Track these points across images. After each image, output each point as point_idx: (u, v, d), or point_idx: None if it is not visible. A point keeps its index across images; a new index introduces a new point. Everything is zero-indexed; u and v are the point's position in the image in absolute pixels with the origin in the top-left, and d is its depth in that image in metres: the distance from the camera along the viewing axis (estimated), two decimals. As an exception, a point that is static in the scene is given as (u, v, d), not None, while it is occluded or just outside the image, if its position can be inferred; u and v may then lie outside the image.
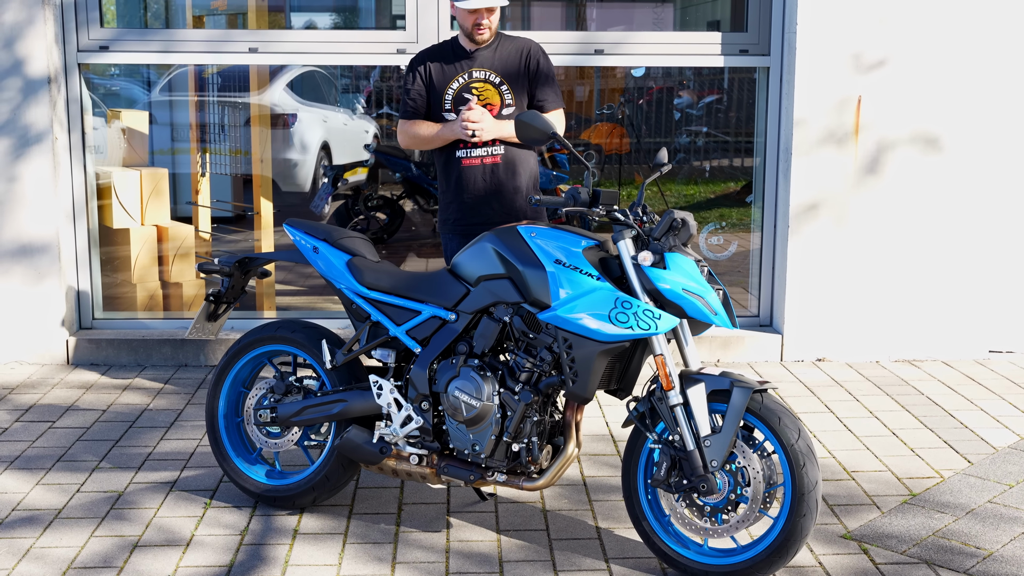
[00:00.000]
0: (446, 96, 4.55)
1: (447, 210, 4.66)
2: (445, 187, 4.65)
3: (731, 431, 3.45)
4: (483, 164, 4.56)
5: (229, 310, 4.42)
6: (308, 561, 3.76)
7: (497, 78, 4.56)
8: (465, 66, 4.56)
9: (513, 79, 4.57)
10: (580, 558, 3.77)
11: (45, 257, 5.99)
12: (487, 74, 4.56)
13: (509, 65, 4.57)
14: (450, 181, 4.61)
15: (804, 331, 6.17)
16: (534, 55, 4.61)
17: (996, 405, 5.39)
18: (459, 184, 4.58)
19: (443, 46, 4.68)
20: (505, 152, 4.57)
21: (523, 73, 4.58)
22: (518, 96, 4.58)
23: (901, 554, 3.80)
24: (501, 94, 4.57)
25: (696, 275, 3.49)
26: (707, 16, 8.40)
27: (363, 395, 3.96)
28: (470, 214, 4.58)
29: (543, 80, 4.61)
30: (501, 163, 4.57)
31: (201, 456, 4.72)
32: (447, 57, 4.59)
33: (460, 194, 4.59)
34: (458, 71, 4.56)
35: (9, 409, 5.33)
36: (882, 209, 6.06)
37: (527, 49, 4.62)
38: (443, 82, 4.56)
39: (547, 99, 4.63)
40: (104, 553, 3.81)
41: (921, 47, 5.95)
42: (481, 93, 4.55)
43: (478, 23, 4.47)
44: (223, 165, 7.59)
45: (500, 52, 4.59)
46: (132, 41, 6.13)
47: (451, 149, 4.57)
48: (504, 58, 4.58)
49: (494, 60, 4.57)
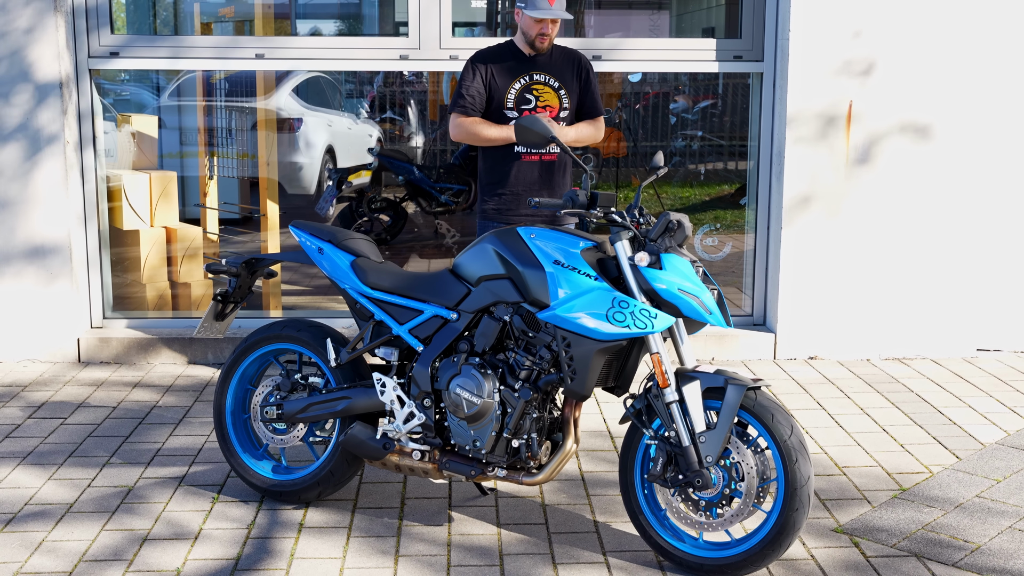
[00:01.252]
0: (508, 95, 4.75)
1: (493, 200, 4.86)
2: (496, 179, 4.83)
3: (725, 427, 3.45)
4: (541, 160, 4.79)
5: (236, 309, 4.42)
6: (313, 554, 3.76)
7: (556, 82, 4.79)
8: (526, 68, 4.77)
9: (568, 84, 4.81)
10: (578, 551, 3.78)
11: (57, 258, 5.99)
12: (547, 78, 4.79)
13: (565, 71, 4.82)
14: (502, 173, 4.80)
15: (796, 330, 6.17)
16: (584, 65, 4.89)
17: (984, 402, 5.39)
18: (516, 177, 4.79)
19: (502, 49, 4.86)
20: (559, 151, 4.78)
21: (576, 80, 4.84)
22: (572, 100, 4.84)
23: (891, 547, 3.80)
24: (560, 97, 4.80)
25: (691, 275, 3.50)
26: (702, 23, 8.40)
27: (367, 392, 3.96)
28: (517, 205, 4.79)
29: (592, 89, 4.89)
30: (556, 160, 4.81)
31: (209, 452, 4.72)
32: (507, 59, 4.79)
33: (513, 186, 4.79)
34: (519, 73, 4.76)
35: (22, 406, 5.33)
36: (873, 211, 6.07)
37: (579, 59, 4.89)
38: (505, 83, 4.75)
39: (594, 106, 4.90)
40: (114, 546, 3.82)
41: (909, 52, 5.96)
42: (541, 95, 4.78)
43: (543, 32, 4.69)
44: (230, 168, 7.59)
45: (555, 59, 4.83)
46: (142, 47, 6.13)
47: (510, 145, 4.74)
48: (560, 64, 4.83)
49: (551, 65, 4.81)
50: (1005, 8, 5.96)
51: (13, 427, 5.04)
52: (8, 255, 5.98)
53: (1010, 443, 4.81)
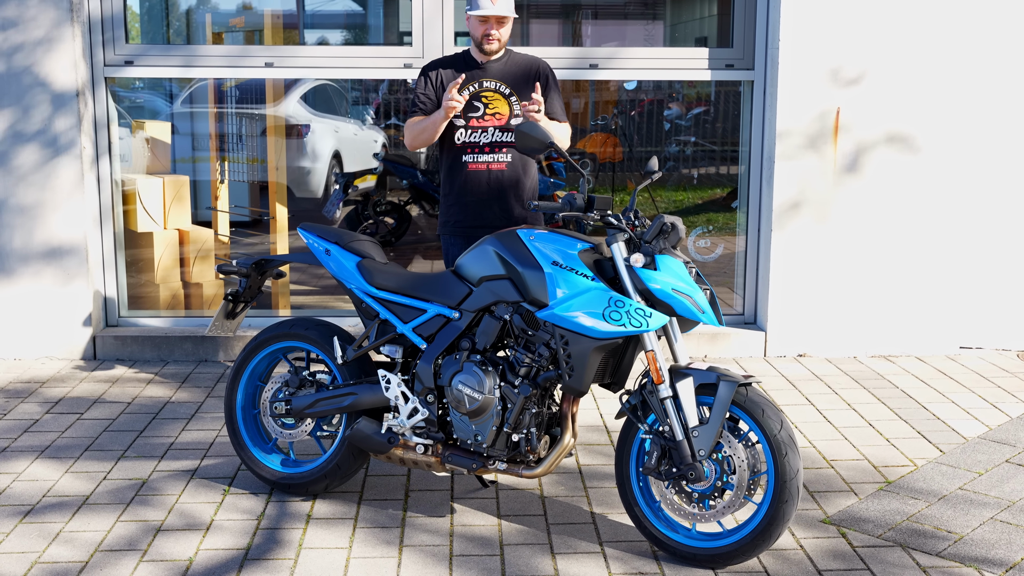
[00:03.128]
0: None
1: (448, 212, 4.60)
2: (448, 190, 4.59)
3: (718, 422, 3.45)
4: (488, 170, 4.52)
5: (246, 309, 4.42)
6: (321, 544, 3.76)
7: (507, 88, 4.52)
8: (476, 76, 4.51)
9: (522, 91, 4.50)
10: (576, 541, 3.77)
11: (74, 259, 5.99)
12: (497, 84, 4.52)
13: (519, 78, 4.53)
14: (454, 184, 4.56)
15: (786, 328, 6.17)
16: (543, 71, 4.59)
17: (966, 398, 5.39)
18: (463, 188, 4.52)
19: (455, 57, 4.63)
20: (511, 159, 4.53)
21: (531, 88, 4.48)
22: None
23: (877, 537, 3.80)
24: (510, 104, 4.52)
25: (685, 276, 3.50)
26: (695, 33, 8.40)
27: (372, 388, 3.96)
28: (471, 217, 4.53)
29: (551, 97, 4.56)
30: (506, 170, 4.52)
31: (220, 446, 4.72)
32: (459, 67, 4.55)
33: (463, 197, 4.53)
34: (468, 80, 4.50)
35: (40, 402, 5.33)
36: (860, 213, 6.07)
37: (536, 66, 4.59)
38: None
39: (554, 112, 4.56)
40: (129, 537, 3.82)
41: (895, 63, 5.96)
42: (490, 102, 4.50)
43: (487, 33, 4.44)
44: (241, 173, 7.59)
45: (510, 65, 4.56)
46: (155, 56, 6.13)
47: (458, 154, 4.52)
48: (514, 71, 4.55)
49: (504, 72, 4.53)
50: (988, 22, 5.96)
51: (32, 422, 5.03)
52: (27, 256, 5.98)
53: (992, 437, 4.81)
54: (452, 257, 4.59)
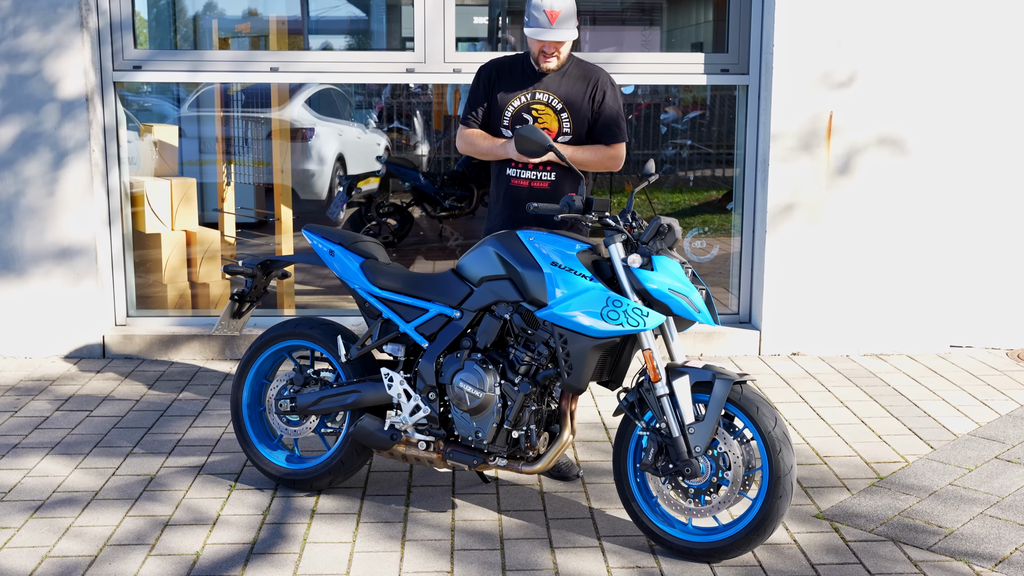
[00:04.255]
0: (506, 112, 4.16)
1: (492, 220, 4.31)
2: (494, 199, 4.31)
3: (713, 419, 3.45)
4: (530, 187, 4.17)
5: (252, 308, 4.42)
6: (325, 539, 3.76)
7: (559, 103, 4.11)
8: (531, 86, 4.14)
9: (575, 107, 4.11)
10: (574, 536, 3.77)
11: (83, 259, 5.99)
12: (550, 98, 4.12)
13: (573, 93, 4.12)
14: (498, 195, 4.27)
15: (780, 327, 6.17)
16: (601, 86, 4.14)
17: (957, 395, 5.39)
18: (505, 200, 4.23)
19: (514, 60, 4.23)
20: (555, 179, 4.15)
21: (587, 103, 4.12)
22: (577, 124, 4.13)
23: (869, 532, 3.80)
24: (560, 120, 4.12)
25: (681, 276, 3.50)
26: (691, 38, 8.39)
27: (375, 386, 3.96)
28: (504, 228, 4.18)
29: (607, 112, 4.14)
30: (548, 189, 4.15)
31: (226, 442, 4.72)
32: (515, 73, 4.18)
33: (505, 210, 4.23)
34: (522, 89, 4.14)
35: (50, 399, 5.33)
36: (852, 215, 6.06)
37: (595, 79, 4.15)
38: (505, 97, 4.16)
39: (608, 133, 4.14)
40: (137, 531, 3.81)
41: (886, 65, 5.95)
42: (540, 116, 4.13)
43: (544, 51, 4.06)
44: (247, 175, 7.58)
45: (568, 78, 4.14)
46: (163, 61, 6.13)
47: (503, 165, 4.22)
48: (570, 85, 4.13)
49: (560, 85, 4.12)
50: (976, 28, 5.96)
51: (42, 419, 5.03)
52: (38, 257, 5.98)
53: (981, 434, 4.81)
54: None
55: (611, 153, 4.16)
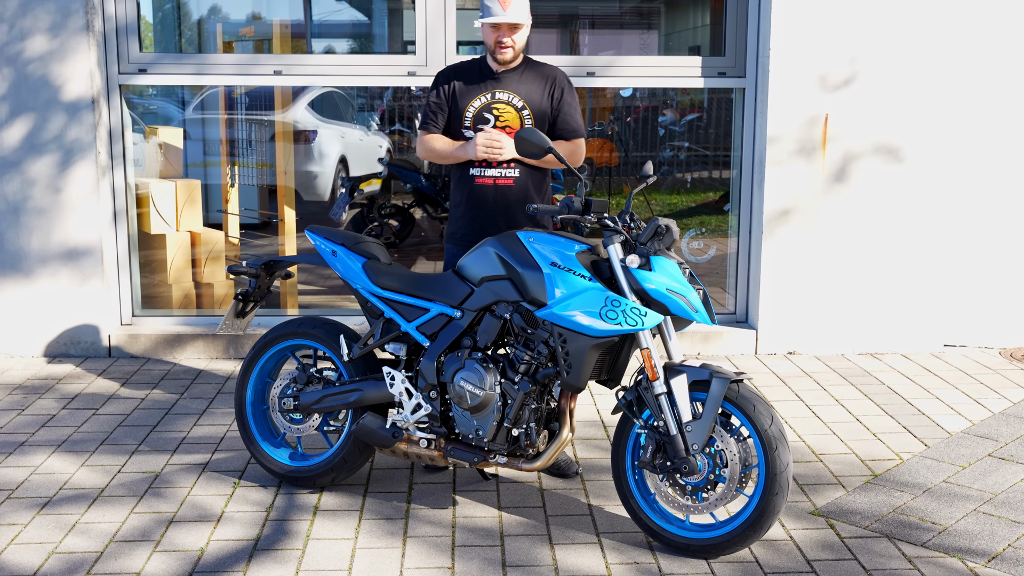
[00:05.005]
0: (467, 113, 4.20)
1: (455, 223, 4.34)
2: (457, 201, 4.33)
3: (710, 417, 3.45)
4: (495, 185, 4.21)
5: (256, 308, 4.42)
6: (328, 535, 3.76)
7: (519, 101, 4.18)
8: (489, 86, 4.19)
9: (535, 105, 4.18)
10: (574, 532, 3.77)
11: (89, 260, 5.99)
12: (510, 96, 4.18)
13: (533, 90, 4.19)
14: (462, 196, 4.29)
15: (776, 327, 6.17)
16: (559, 83, 4.22)
17: (950, 394, 5.39)
18: (469, 201, 4.26)
19: (471, 64, 4.29)
20: (519, 175, 4.22)
21: (546, 100, 4.20)
22: (538, 121, 4.20)
23: (864, 529, 3.80)
24: (521, 118, 4.18)
25: (679, 276, 3.50)
26: (688, 42, 8.40)
27: (377, 385, 3.96)
28: (477, 231, 4.24)
29: (566, 109, 4.22)
30: (514, 186, 4.21)
31: (230, 440, 4.72)
32: (473, 75, 4.23)
33: (469, 210, 4.27)
34: (481, 90, 4.19)
35: (57, 397, 5.33)
36: (848, 216, 6.07)
37: (552, 77, 4.23)
38: (465, 99, 4.20)
39: (568, 128, 4.23)
40: (143, 528, 3.82)
41: (882, 71, 5.96)
42: (501, 115, 4.18)
43: (500, 40, 4.10)
44: (250, 177, 7.59)
45: (525, 76, 4.21)
46: (168, 64, 6.13)
47: (466, 166, 4.24)
48: (529, 83, 4.20)
49: (519, 84, 4.19)
50: (970, 36, 5.96)
51: (49, 417, 5.03)
52: (44, 257, 5.98)
53: (974, 432, 4.81)
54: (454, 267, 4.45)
55: (571, 148, 4.25)
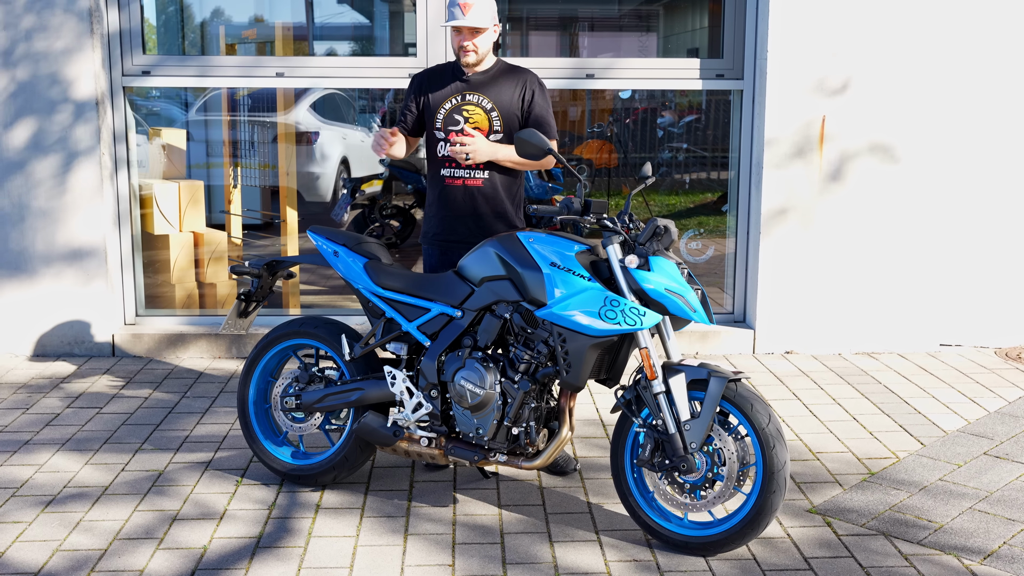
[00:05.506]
0: (438, 115, 4.22)
1: (428, 223, 4.35)
2: (430, 201, 4.34)
3: (708, 416, 3.45)
4: (464, 186, 4.21)
5: (258, 308, 4.42)
6: (329, 533, 3.76)
7: (489, 103, 4.18)
8: (459, 88, 4.21)
9: (505, 107, 4.19)
10: (573, 530, 3.78)
11: (93, 260, 5.99)
12: (479, 98, 4.19)
13: (503, 93, 4.20)
14: (433, 197, 4.31)
15: (774, 326, 6.17)
16: (529, 86, 4.22)
17: (946, 393, 5.39)
18: (440, 201, 4.27)
19: (443, 67, 4.33)
20: (489, 177, 4.21)
21: (516, 102, 4.20)
22: (508, 123, 4.19)
23: (861, 527, 3.80)
24: (490, 120, 4.19)
25: (677, 276, 3.50)
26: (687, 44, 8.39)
27: (378, 384, 3.96)
28: (448, 231, 4.26)
29: (536, 111, 4.21)
30: (483, 187, 4.21)
31: (233, 439, 4.72)
32: (444, 78, 4.26)
33: (440, 210, 4.27)
34: (452, 92, 4.21)
35: (61, 396, 5.33)
36: (844, 217, 6.07)
37: (523, 80, 4.23)
38: (437, 100, 4.22)
39: (539, 129, 4.20)
40: (146, 525, 3.82)
41: (878, 73, 5.96)
42: (471, 116, 4.19)
43: (462, 44, 4.13)
44: (253, 178, 7.59)
45: (496, 79, 4.22)
46: (171, 66, 6.13)
47: (437, 167, 4.27)
48: (499, 85, 4.21)
49: (489, 87, 4.21)
50: (966, 39, 5.96)
51: (53, 416, 5.04)
52: (49, 258, 5.98)
53: (970, 431, 4.81)
54: (430, 267, 4.40)
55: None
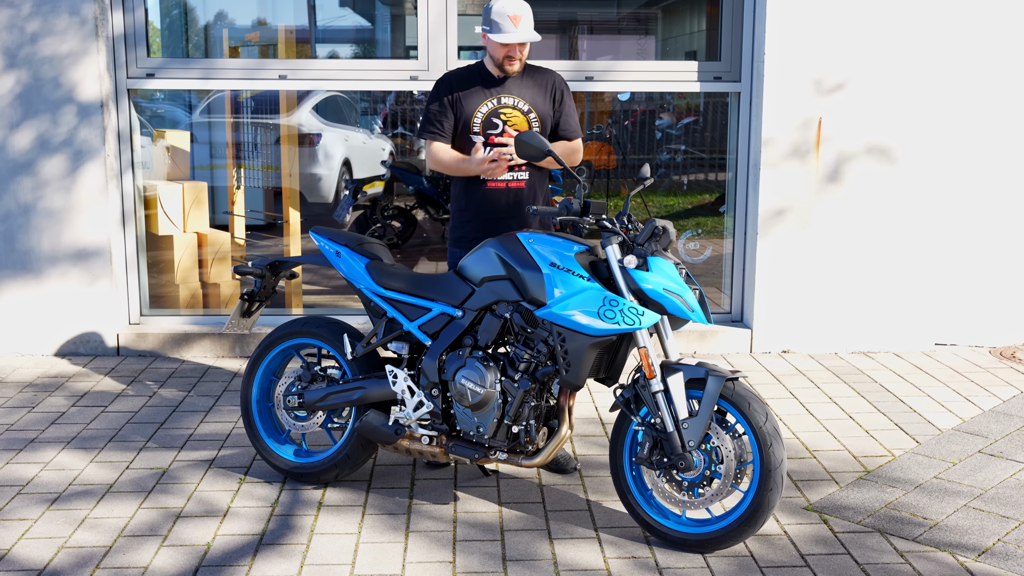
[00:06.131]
0: (475, 119, 4.20)
1: (463, 227, 4.31)
2: (464, 205, 4.29)
3: (706, 415, 3.46)
4: (507, 188, 4.24)
5: (261, 308, 4.42)
6: (331, 530, 3.76)
7: (525, 105, 4.21)
8: (494, 92, 4.20)
9: (540, 108, 4.23)
10: (572, 527, 3.78)
11: (98, 260, 5.99)
12: (516, 101, 4.21)
13: (536, 94, 4.24)
14: (471, 200, 4.27)
15: (771, 326, 6.17)
16: (558, 86, 4.29)
17: (941, 392, 5.39)
18: (480, 204, 4.25)
19: (470, 71, 4.27)
20: (529, 178, 4.26)
21: (548, 103, 4.26)
22: (543, 124, 4.24)
23: (857, 524, 3.80)
24: (529, 121, 4.22)
25: (675, 276, 3.50)
26: (685, 47, 8.40)
27: (380, 383, 3.96)
28: (488, 233, 4.17)
29: (566, 111, 4.30)
30: (525, 188, 4.25)
31: (236, 437, 4.72)
32: (475, 82, 4.22)
33: (480, 213, 4.25)
34: (487, 96, 4.20)
35: (66, 395, 5.33)
36: (840, 217, 6.07)
37: (552, 80, 4.29)
38: (471, 105, 4.20)
39: (569, 128, 4.31)
40: (151, 522, 3.82)
41: (874, 75, 5.96)
42: (509, 119, 4.20)
43: (510, 55, 4.13)
44: (256, 179, 7.59)
45: (527, 81, 4.24)
46: (175, 69, 6.13)
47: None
48: (532, 87, 4.24)
49: (522, 88, 4.22)
50: (960, 41, 5.96)
51: (58, 414, 5.04)
52: (55, 258, 5.98)
53: (965, 429, 4.81)
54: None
55: (573, 147, 4.34)
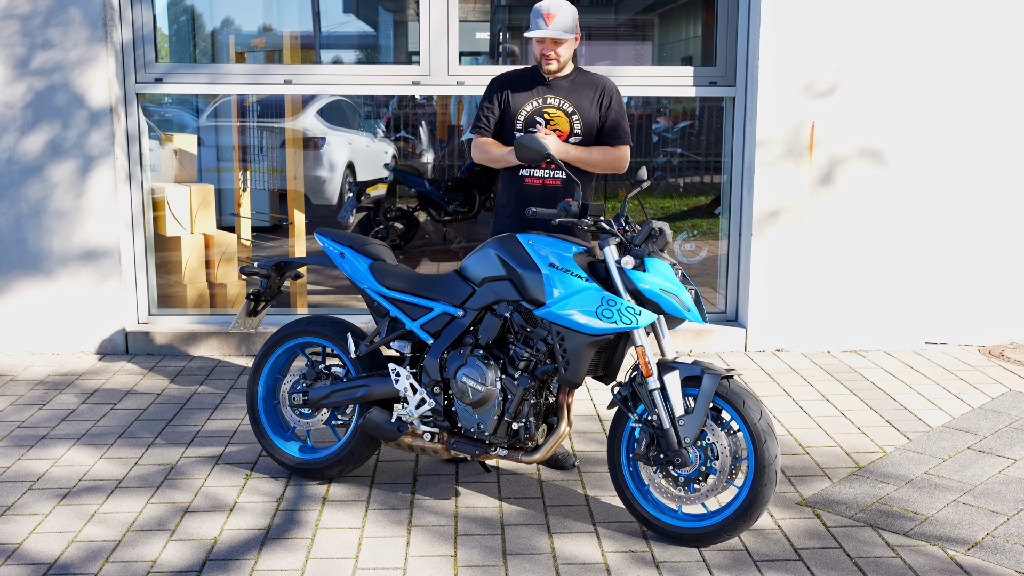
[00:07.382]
0: (519, 117, 4.19)
1: (503, 222, 4.27)
2: (505, 201, 4.26)
3: (702, 412, 3.46)
4: (543, 185, 4.18)
5: (267, 307, 4.42)
6: (336, 524, 3.76)
7: (570, 107, 4.17)
8: (540, 92, 4.19)
9: (585, 111, 4.17)
10: (571, 522, 3.78)
11: (108, 261, 5.99)
12: (560, 102, 4.17)
13: (583, 97, 4.19)
14: (510, 196, 4.23)
15: (765, 325, 6.17)
16: (608, 92, 4.21)
17: (932, 389, 5.39)
18: (518, 200, 4.20)
19: (524, 72, 4.29)
20: (566, 177, 4.15)
21: (595, 107, 4.19)
22: (587, 128, 4.18)
23: (849, 518, 3.80)
24: (571, 123, 4.17)
25: (672, 277, 3.50)
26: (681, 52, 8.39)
27: (383, 381, 3.96)
28: (522, 228, 4.17)
29: (613, 116, 4.21)
30: (561, 186, 4.17)
31: (242, 434, 4.72)
32: (525, 82, 4.23)
33: (518, 210, 4.20)
34: (533, 96, 4.19)
35: (76, 393, 5.33)
36: (833, 219, 6.07)
37: (602, 86, 4.22)
38: (518, 104, 4.20)
39: (614, 135, 4.21)
40: (159, 517, 3.82)
41: (865, 80, 5.96)
42: (552, 119, 4.17)
43: (544, 53, 4.12)
44: (262, 181, 7.59)
45: (576, 84, 4.21)
46: (183, 74, 6.13)
47: (516, 167, 4.21)
48: (579, 90, 4.20)
49: (569, 91, 4.19)
50: (951, 45, 5.96)
51: (69, 411, 5.04)
52: (65, 258, 5.98)
53: (955, 426, 4.81)
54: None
55: (617, 154, 4.21)
